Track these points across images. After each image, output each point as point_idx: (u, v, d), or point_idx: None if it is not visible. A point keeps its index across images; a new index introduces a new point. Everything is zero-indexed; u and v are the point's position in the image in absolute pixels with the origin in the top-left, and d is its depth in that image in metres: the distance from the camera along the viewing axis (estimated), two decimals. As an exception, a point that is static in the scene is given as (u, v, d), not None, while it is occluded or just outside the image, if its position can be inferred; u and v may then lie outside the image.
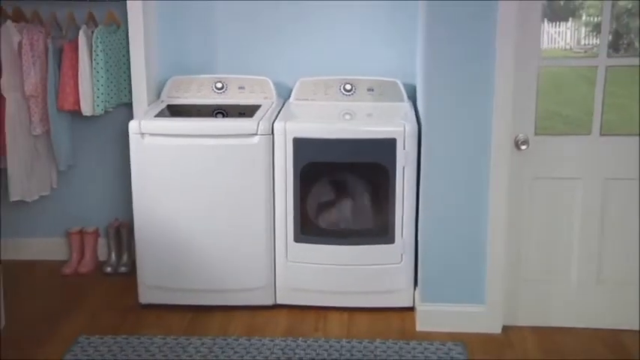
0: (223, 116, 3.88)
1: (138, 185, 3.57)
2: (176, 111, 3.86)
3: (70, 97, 3.89)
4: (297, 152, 3.50)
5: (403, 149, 3.46)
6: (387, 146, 3.47)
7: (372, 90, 3.90)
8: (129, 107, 3.95)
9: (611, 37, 3.92)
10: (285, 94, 4.00)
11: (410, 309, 3.61)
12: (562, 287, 3.45)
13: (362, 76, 3.94)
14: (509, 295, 3.45)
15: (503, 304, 3.43)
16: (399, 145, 3.46)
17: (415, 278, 3.59)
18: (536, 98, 3.29)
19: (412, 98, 3.88)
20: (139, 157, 3.54)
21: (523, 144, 3.28)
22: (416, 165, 3.47)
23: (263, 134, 3.49)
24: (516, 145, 3.28)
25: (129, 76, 3.93)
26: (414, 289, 3.60)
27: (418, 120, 3.55)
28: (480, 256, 3.38)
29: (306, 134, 3.50)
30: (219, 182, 3.53)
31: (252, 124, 3.50)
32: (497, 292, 3.40)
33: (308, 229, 3.63)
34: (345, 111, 3.79)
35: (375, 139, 3.49)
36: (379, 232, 3.61)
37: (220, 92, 3.96)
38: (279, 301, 3.69)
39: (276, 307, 3.68)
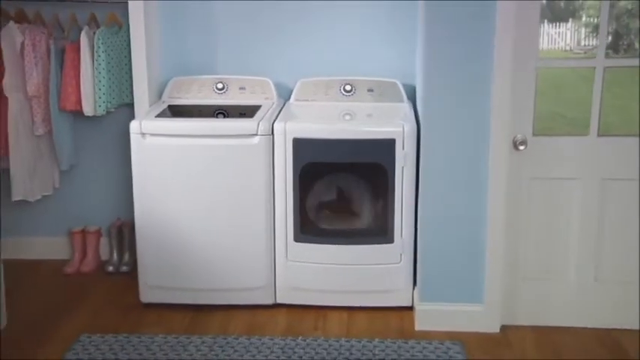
0: (224, 117, 3.90)
1: (139, 185, 3.60)
2: (177, 111, 3.88)
3: (71, 98, 3.91)
4: (297, 152, 3.52)
5: (402, 149, 3.48)
6: (387, 146, 3.49)
7: (372, 90, 3.92)
8: (130, 107, 3.96)
9: (611, 37, 3.94)
10: (285, 95, 4.02)
11: (409, 308, 3.63)
12: (560, 287, 3.47)
13: (362, 77, 3.96)
14: (507, 294, 3.46)
15: (502, 304, 3.45)
16: (398, 145, 3.48)
17: (414, 278, 3.60)
18: (535, 99, 3.31)
19: (412, 99, 3.90)
20: (140, 157, 3.56)
21: (521, 144, 3.29)
22: (415, 165, 3.48)
23: (263, 134, 3.51)
24: (514, 145, 3.30)
25: (130, 76, 3.94)
26: (413, 289, 3.62)
27: (418, 120, 3.56)
28: (479, 256, 3.40)
29: (305, 134, 3.52)
30: (220, 182, 3.55)
31: (252, 125, 3.52)
32: (496, 291, 3.42)
33: (308, 228, 3.65)
34: (345, 111, 3.81)
35: (374, 140, 3.51)
36: (378, 231, 3.63)
37: (221, 93, 3.99)
38: (279, 300, 3.71)
39: (276, 306, 3.71)
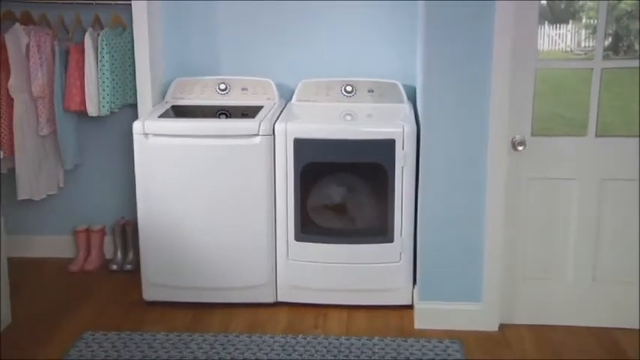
0: (226, 117, 3.94)
1: (142, 185, 3.63)
2: (180, 112, 3.92)
3: (76, 98, 3.96)
4: (297, 152, 3.55)
5: (402, 150, 3.51)
6: (386, 147, 3.52)
7: (373, 91, 3.95)
8: (134, 108, 4.01)
9: (611, 39, 3.96)
10: (287, 95, 4.06)
11: (408, 307, 3.66)
12: (558, 286, 3.49)
13: (362, 78, 3.99)
14: (506, 293, 3.49)
15: (501, 303, 3.48)
16: (397, 145, 3.50)
17: (414, 277, 3.63)
18: (533, 99, 3.33)
19: (412, 99, 3.92)
20: (142, 157, 3.60)
21: (520, 145, 3.32)
22: (415, 165, 3.50)
23: (264, 135, 3.54)
24: (513, 145, 3.32)
25: (134, 77, 3.99)
26: (413, 288, 3.65)
27: (418, 121, 3.59)
28: (478, 255, 3.42)
29: (306, 135, 3.55)
30: (222, 182, 3.59)
31: (253, 125, 3.55)
32: (495, 290, 3.44)
33: (308, 228, 3.68)
34: (345, 112, 3.84)
35: (374, 140, 3.54)
36: (378, 231, 3.66)
37: (224, 93, 4.02)
38: (280, 298, 3.74)
39: (277, 304, 3.74)
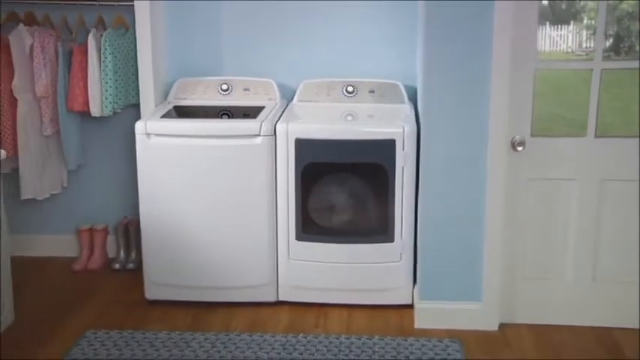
0: (229, 117, 3.97)
1: (144, 184, 3.66)
2: (183, 112, 3.94)
3: (79, 99, 3.98)
4: (298, 152, 3.58)
5: (402, 150, 3.52)
6: (387, 147, 3.54)
7: (374, 92, 3.97)
8: (137, 108, 4.04)
9: (612, 40, 3.97)
10: (288, 96, 4.08)
11: (409, 306, 3.67)
12: (558, 286, 3.51)
13: (363, 79, 4.01)
14: (506, 293, 3.50)
15: (500, 302, 3.49)
16: (398, 145, 3.52)
17: (414, 276, 3.64)
18: (533, 100, 3.34)
19: (413, 100, 3.94)
20: (145, 157, 3.62)
21: (519, 145, 3.33)
22: (415, 165, 3.52)
23: (266, 135, 3.56)
24: (513, 146, 3.34)
25: (137, 78, 4.02)
26: (413, 287, 3.67)
27: (418, 122, 3.60)
28: (478, 255, 3.44)
29: (307, 135, 3.57)
30: (223, 182, 3.61)
31: (255, 125, 3.58)
32: (494, 290, 3.46)
33: (309, 227, 3.70)
34: (346, 112, 3.86)
35: (374, 140, 3.56)
36: (379, 231, 3.67)
37: (226, 94, 4.05)
38: (282, 297, 3.76)
39: (278, 303, 3.76)
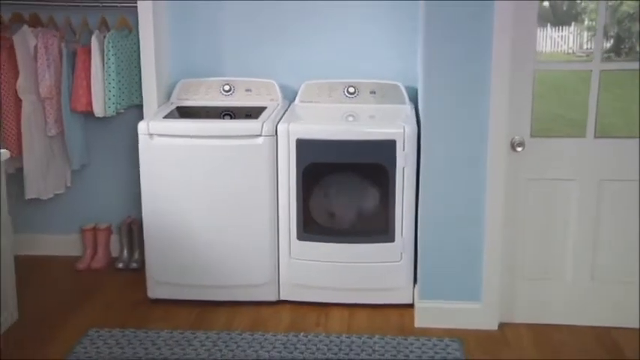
0: (231, 118, 3.99)
1: (147, 184, 3.69)
2: (185, 112, 3.97)
3: (82, 99, 4.02)
4: (300, 153, 3.60)
5: (403, 150, 3.54)
6: (387, 147, 3.56)
7: (375, 92, 3.99)
8: (140, 109, 4.07)
9: (613, 41, 3.99)
10: (290, 97, 4.10)
11: (409, 306, 3.69)
12: (557, 286, 3.52)
13: (365, 79, 4.03)
14: (505, 293, 3.52)
15: (500, 302, 3.51)
16: (398, 146, 3.54)
17: (414, 276, 3.66)
18: (532, 100, 3.36)
19: (414, 100, 3.96)
20: (147, 157, 3.65)
21: (519, 145, 3.35)
22: (415, 166, 3.54)
23: (267, 135, 3.59)
24: (512, 146, 3.36)
25: (140, 78, 4.05)
26: (414, 287, 3.69)
27: (419, 122, 3.62)
28: (477, 255, 3.46)
29: (308, 135, 3.59)
30: (225, 182, 3.64)
31: (256, 126, 3.60)
32: (494, 290, 3.48)
33: (310, 227, 3.72)
34: (348, 113, 3.88)
35: (375, 141, 3.58)
36: (380, 231, 3.69)
37: (228, 94, 4.07)
38: (283, 297, 3.78)
39: (279, 302, 3.78)
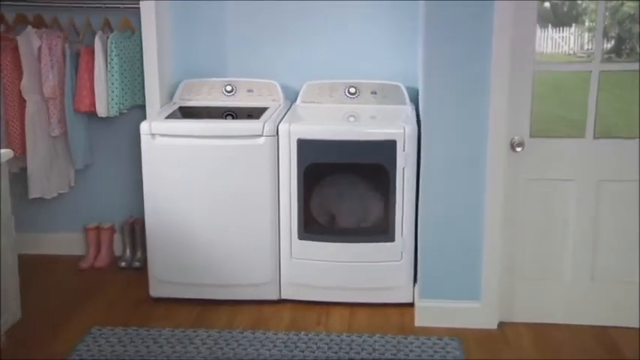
0: (233, 118, 4.02)
1: (149, 184, 3.72)
2: (188, 113, 4.00)
3: (86, 99, 4.05)
4: (301, 153, 3.62)
5: (403, 151, 3.57)
6: (388, 148, 3.58)
7: (376, 93, 4.01)
8: (143, 109, 4.10)
9: (614, 42, 4.00)
10: (292, 97, 4.13)
11: (410, 305, 3.71)
12: (556, 285, 3.54)
13: (366, 80, 4.05)
14: (505, 292, 3.54)
15: (500, 301, 3.53)
16: (399, 146, 3.56)
17: (415, 275, 3.68)
18: (532, 101, 3.37)
19: (415, 101, 3.98)
20: (149, 157, 3.68)
21: (518, 146, 3.36)
22: (416, 166, 3.56)
23: (268, 135, 3.61)
24: (512, 146, 3.37)
25: (142, 79, 4.08)
26: (414, 286, 3.70)
27: (419, 123, 3.63)
28: (477, 255, 3.48)
29: (309, 136, 3.62)
30: (227, 182, 3.66)
31: (257, 126, 3.63)
32: (494, 289, 3.50)
33: (311, 227, 3.75)
34: (349, 113, 3.91)
35: (375, 141, 3.60)
36: (380, 230, 3.72)
37: (230, 95, 4.10)
38: (284, 296, 3.81)
39: (280, 301, 3.81)
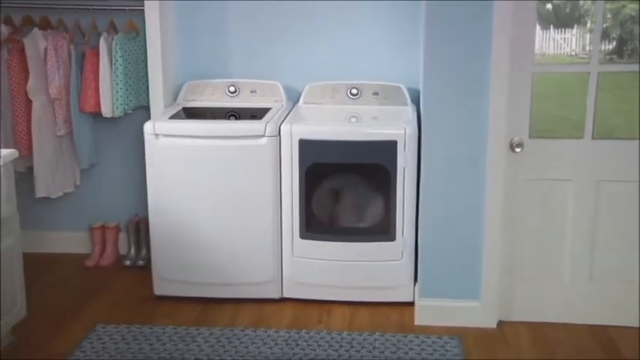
0: (236, 119, 4.06)
1: (152, 184, 3.76)
2: (191, 113, 4.04)
3: (91, 100, 4.10)
4: (302, 153, 3.66)
5: (404, 151, 3.60)
6: (388, 148, 3.61)
7: (377, 94, 4.04)
8: (147, 110, 4.14)
9: (615, 43, 4.02)
10: (294, 98, 4.16)
11: (410, 304, 3.73)
12: (555, 285, 3.57)
13: (367, 81, 4.08)
14: (504, 291, 3.57)
15: (499, 300, 3.55)
16: (399, 147, 3.59)
17: (415, 274, 3.71)
18: (531, 101, 3.39)
19: (416, 102, 3.99)
20: (153, 157, 3.72)
21: (518, 146, 3.39)
22: (416, 166, 3.59)
23: (270, 136, 3.65)
24: (511, 147, 3.40)
25: (147, 80, 4.12)
26: (414, 285, 3.73)
27: (420, 123, 3.65)
28: (477, 254, 3.51)
29: (310, 136, 3.65)
30: (229, 181, 3.70)
31: (259, 126, 3.66)
32: (493, 288, 3.52)
33: (313, 226, 3.78)
34: (351, 114, 3.94)
35: (376, 141, 3.63)
36: (381, 230, 3.75)
37: (233, 96, 4.14)
38: (286, 294, 3.84)
39: (282, 300, 3.85)
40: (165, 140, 3.70)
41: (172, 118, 3.88)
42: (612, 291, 3.53)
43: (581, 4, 4.16)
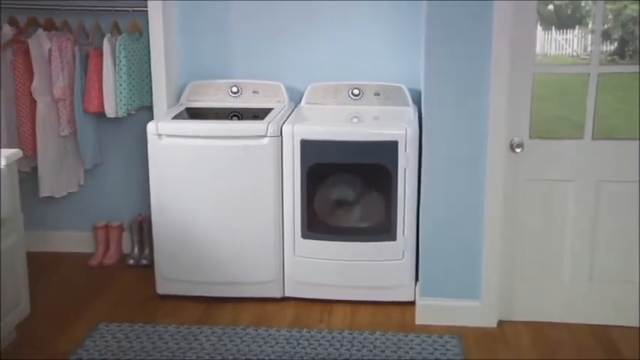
0: (239, 119, 4.08)
1: (156, 183, 3.78)
2: (194, 113, 4.07)
3: (95, 100, 4.13)
4: (304, 153, 3.67)
5: (404, 151, 3.61)
6: (389, 148, 3.62)
7: (379, 94, 4.06)
8: (150, 110, 4.18)
9: (617, 44, 4.03)
10: (297, 98, 4.18)
11: (411, 303, 3.74)
12: (555, 285, 3.58)
13: (369, 82, 4.10)
14: (504, 291, 3.58)
15: (499, 300, 3.57)
16: (400, 147, 3.61)
17: (416, 274, 3.72)
18: (531, 102, 3.40)
19: (417, 103, 4.01)
20: (156, 157, 3.74)
21: (518, 147, 3.40)
22: (417, 166, 3.61)
23: (272, 136, 3.67)
24: (512, 147, 3.41)
25: (150, 80, 4.16)
26: (415, 285, 3.74)
27: (421, 124, 3.67)
28: (477, 254, 3.52)
29: (312, 136, 3.67)
30: (231, 181, 3.72)
31: (261, 127, 3.68)
32: (493, 288, 3.54)
33: (314, 226, 3.80)
34: (352, 114, 3.96)
35: (377, 142, 3.65)
36: (382, 230, 3.77)
37: (236, 96, 4.17)
38: (287, 293, 3.86)
39: (284, 299, 3.86)
40: (168, 140, 3.73)
41: (175, 118, 3.90)
42: (612, 291, 3.54)
43: (582, 5, 4.17)
